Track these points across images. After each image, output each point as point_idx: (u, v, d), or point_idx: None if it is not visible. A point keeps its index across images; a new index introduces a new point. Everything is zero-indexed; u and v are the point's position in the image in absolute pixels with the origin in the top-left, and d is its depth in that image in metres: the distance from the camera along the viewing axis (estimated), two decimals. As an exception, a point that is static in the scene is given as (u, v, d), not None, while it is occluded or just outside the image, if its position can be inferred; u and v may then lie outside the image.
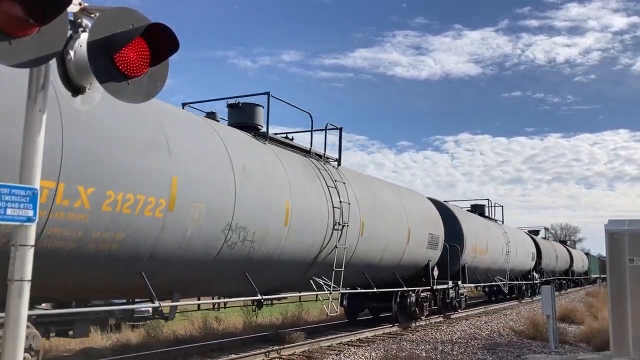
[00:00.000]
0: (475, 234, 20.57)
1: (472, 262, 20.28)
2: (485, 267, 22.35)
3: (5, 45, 3.15)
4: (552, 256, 37.70)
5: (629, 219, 9.83)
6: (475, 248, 20.25)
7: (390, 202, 14.23)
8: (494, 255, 22.94)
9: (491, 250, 22.49)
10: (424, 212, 16.53)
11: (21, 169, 3.47)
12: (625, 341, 9.37)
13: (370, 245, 12.72)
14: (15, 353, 3.34)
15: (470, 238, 19.73)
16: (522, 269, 29.34)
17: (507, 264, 25.01)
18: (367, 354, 10.82)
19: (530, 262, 30.61)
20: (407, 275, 15.80)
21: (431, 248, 16.44)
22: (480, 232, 21.31)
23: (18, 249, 3.39)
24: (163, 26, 3.75)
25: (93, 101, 3.92)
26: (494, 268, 23.48)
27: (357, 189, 12.59)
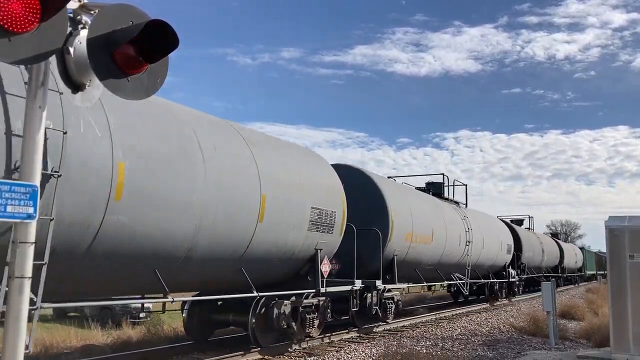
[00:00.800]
0: (413, 215, 15.34)
1: (407, 254, 15.20)
2: (433, 260, 17.09)
3: (5, 42, 3.15)
4: (537, 249, 32.26)
5: (629, 215, 9.84)
6: (411, 235, 15.15)
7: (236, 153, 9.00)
8: (445, 246, 17.56)
9: (440, 239, 17.09)
10: (302, 175, 10.42)
11: (21, 166, 3.48)
12: (625, 337, 9.38)
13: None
14: (16, 348, 3.35)
15: (401, 220, 14.54)
16: (493, 264, 23.98)
17: (468, 257, 19.76)
18: (367, 351, 10.83)
19: (505, 256, 25.20)
20: (273, 273, 10.26)
21: (318, 230, 10.64)
22: (422, 215, 16.05)
23: (18, 246, 3.39)
24: (163, 23, 3.75)
25: (93, 98, 3.92)
26: (447, 262, 18.35)
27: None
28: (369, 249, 13.42)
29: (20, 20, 3.18)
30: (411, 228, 15.17)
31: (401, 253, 14.81)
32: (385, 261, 14.07)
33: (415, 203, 16.33)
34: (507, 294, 26.37)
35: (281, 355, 10.25)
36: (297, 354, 10.41)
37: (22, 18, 3.18)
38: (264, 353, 10.04)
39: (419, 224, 15.73)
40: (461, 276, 19.76)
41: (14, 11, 3.15)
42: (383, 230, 13.69)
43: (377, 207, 13.91)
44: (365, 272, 13.30)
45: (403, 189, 16.90)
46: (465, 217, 20.35)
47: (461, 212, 20.59)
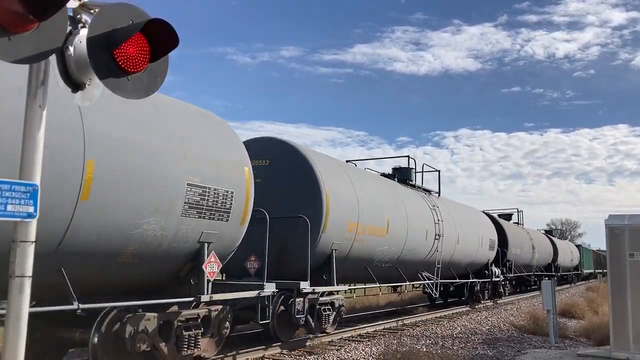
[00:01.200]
0: (361, 202, 12.41)
1: (353, 249, 12.20)
2: (390, 257, 14.18)
3: (4, 41, 3.15)
4: (526, 246, 29.33)
5: (629, 214, 9.84)
6: (357, 225, 12.12)
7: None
8: (406, 240, 14.70)
9: (398, 231, 14.21)
10: (176, 139, 7.38)
11: (22, 165, 3.48)
12: (625, 336, 9.39)
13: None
14: (17, 348, 3.35)
15: (341, 207, 11.51)
16: (472, 262, 21.06)
17: (438, 254, 16.88)
18: (367, 349, 10.84)
19: (487, 253, 22.34)
20: (128, 275, 7.22)
21: (204, 216, 7.71)
22: (373, 202, 13.17)
23: (19, 245, 3.39)
24: (163, 22, 3.75)
25: (93, 97, 3.92)
26: (410, 259, 15.46)
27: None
28: (298, 242, 10.62)
29: (20, 19, 3.17)
30: (357, 217, 12.15)
31: (342, 247, 11.75)
32: (320, 257, 11.23)
33: (365, 188, 13.09)
34: (492, 295, 23.76)
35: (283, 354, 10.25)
36: (297, 353, 10.41)
37: (22, 17, 3.18)
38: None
39: (369, 213, 12.72)
40: (430, 275, 16.84)
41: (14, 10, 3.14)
42: (314, 217, 10.68)
43: (308, 190, 10.97)
44: (294, 271, 10.76)
45: (348, 170, 13.12)
46: (435, 206, 17.31)
47: (431, 201, 17.50)
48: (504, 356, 10.66)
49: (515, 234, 27.81)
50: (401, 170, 17.67)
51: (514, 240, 26.68)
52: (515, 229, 28.87)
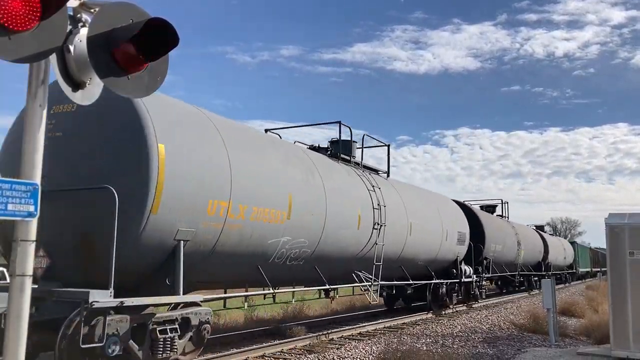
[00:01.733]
0: (234, 171, 8.47)
1: (224, 239, 8.41)
2: (297, 250, 10.22)
3: (5, 40, 3.15)
4: (510, 242, 25.32)
5: (630, 213, 9.85)
6: (228, 205, 8.31)
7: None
8: (324, 228, 10.72)
9: (308, 217, 10.28)
10: None
11: (22, 164, 3.48)
12: (625, 334, 9.40)
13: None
14: (18, 347, 3.36)
15: (192, 174, 7.69)
16: (434, 259, 17.05)
17: (377, 248, 12.91)
18: (367, 348, 10.85)
19: (455, 249, 18.53)
20: None
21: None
22: (267, 176, 9.31)
23: (19, 244, 3.40)
24: (163, 21, 3.76)
25: (93, 96, 3.93)
26: (336, 255, 11.51)
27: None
28: (107, 228, 6.51)
29: (20, 18, 3.18)
30: (228, 194, 8.21)
31: (201, 237, 7.86)
32: (154, 251, 7.24)
33: (248, 155, 8.97)
34: (466, 298, 20.30)
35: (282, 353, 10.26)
36: (297, 351, 10.43)
37: (23, 16, 3.19)
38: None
39: (254, 190, 8.80)
40: (369, 276, 12.96)
41: (14, 9, 3.15)
42: (134, 189, 6.86)
43: (127, 146, 7.03)
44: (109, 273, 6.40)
45: (223, 129, 8.73)
46: (376, 188, 13.27)
47: (372, 181, 13.43)
48: (504, 355, 10.66)
49: (496, 228, 23.83)
50: (338, 144, 13.53)
51: (494, 234, 22.91)
52: (496, 222, 24.68)
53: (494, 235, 22.78)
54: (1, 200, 3.31)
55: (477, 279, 20.73)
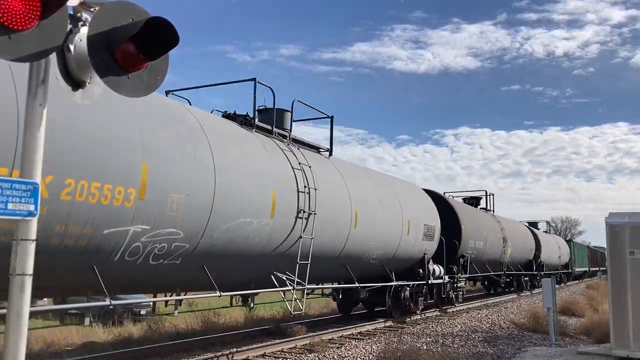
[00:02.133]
0: (18, 126, 5.30)
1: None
2: (165, 244, 7.37)
3: (5, 39, 3.15)
4: (493, 238, 22.34)
5: (630, 212, 9.84)
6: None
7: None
8: (210, 215, 7.93)
9: (195, 204, 7.63)
10: None
11: (22, 163, 3.48)
12: (625, 333, 9.39)
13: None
14: (18, 346, 3.36)
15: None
16: (392, 257, 14.09)
17: (302, 242, 10.19)
18: (367, 347, 10.85)
19: (421, 245, 15.47)
20: None
21: None
22: (95, 136, 6.21)
23: (19, 244, 3.40)
24: (163, 20, 3.75)
25: (93, 95, 3.92)
26: (233, 251, 8.74)
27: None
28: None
29: (20, 17, 3.18)
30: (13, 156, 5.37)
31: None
32: None
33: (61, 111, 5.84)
34: (440, 301, 17.63)
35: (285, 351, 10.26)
36: (297, 351, 10.43)
37: (23, 15, 3.19)
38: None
39: (76, 157, 6.01)
40: (291, 276, 10.16)
41: (14, 8, 3.15)
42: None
43: None
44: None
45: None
46: (304, 166, 10.52)
47: (299, 158, 10.57)
48: (504, 354, 10.66)
49: (476, 222, 20.77)
50: (266, 113, 11.24)
51: (474, 229, 19.85)
52: (476, 216, 21.55)
53: (473, 230, 19.66)
54: (1, 200, 3.31)
55: (452, 280, 17.96)
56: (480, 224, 21.33)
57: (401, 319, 15.39)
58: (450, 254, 17.84)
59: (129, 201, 6.63)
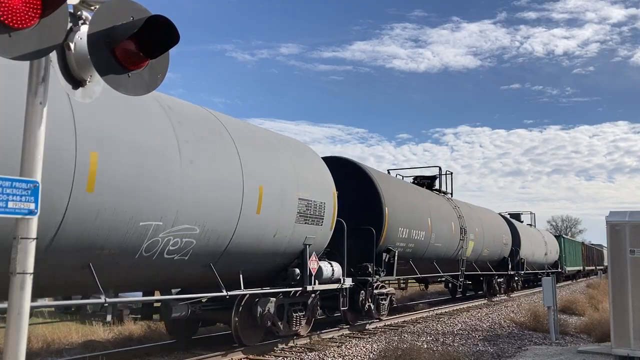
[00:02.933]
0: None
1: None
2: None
3: (4, 37, 3.14)
4: (441, 228, 16.90)
5: (630, 211, 9.83)
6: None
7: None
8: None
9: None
10: None
11: (22, 162, 3.48)
12: (626, 332, 9.39)
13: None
14: (19, 344, 3.36)
15: None
16: (214, 253, 8.18)
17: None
18: (368, 346, 10.86)
19: (298, 233, 9.97)
20: None
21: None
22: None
23: (20, 242, 3.40)
24: (163, 18, 3.75)
25: (94, 94, 3.92)
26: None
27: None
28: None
29: (20, 15, 3.17)
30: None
31: None
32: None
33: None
34: (353, 313, 13.18)
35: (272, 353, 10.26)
36: (298, 349, 10.43)
37: (23, 13, 3.18)
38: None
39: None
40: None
41: (14, 6, 3.14)
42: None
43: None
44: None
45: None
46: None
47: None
48: (504, 353, 10.67)
49: (414, 205, 15.22)
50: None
51: (407, 213, 14.53)
52: (415, 197, 15.83)
53: (404, 214, 14.31)
54: (2, 198, 3.31)
55: (365, 285, 12.98)
56: (420, 207, 15.71)
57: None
58: (364, 247, 12.93)
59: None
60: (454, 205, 19.27)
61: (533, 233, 31.50)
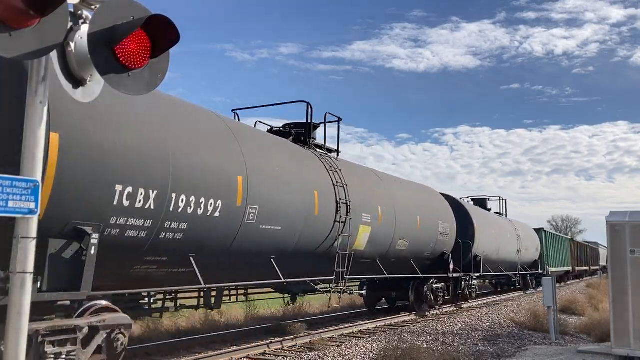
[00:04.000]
0: None
1: None
2: None
3: (5, 37, 3.14)
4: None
5: (630, 211, 9.83)
6: None
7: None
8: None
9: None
10: None
11: (22, 161, 3.47)
12: (626, 332, 9.38)
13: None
14: (18, 343, 3.36)
15: None
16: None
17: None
18: (368, 345, 10.85)
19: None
20: None
21: None
22: None
23: (20, 242, 3.40)
24: (164, 18, 3.74)
25: (94, 93, 3.92)
26: None
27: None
28: None
29: (21, 15, 3.17)
30: None
31: None
32: None
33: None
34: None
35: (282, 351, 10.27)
36: (298, 349, 10.43)
37: (23, 13, 3.18)
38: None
39: None
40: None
41: (14, 6, 3.14)
42: None
43: None
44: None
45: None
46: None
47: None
48: (504, 352, 10.66)
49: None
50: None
51: (265, 178, 8.76)
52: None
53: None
54: (2, 197, 3.31)
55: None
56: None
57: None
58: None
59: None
60: (330, 166, 11.55)
61: (500, 223, 24.08)
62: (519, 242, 25.90)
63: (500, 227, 23.89)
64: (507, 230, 24.69)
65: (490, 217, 23.79)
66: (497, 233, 22.65)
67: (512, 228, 25.92)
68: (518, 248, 25.71)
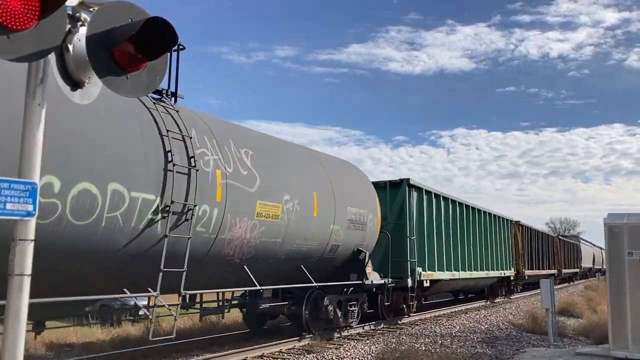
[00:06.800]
0: None
1: None
2: None
3: (3, 39, 3.14)
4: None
5: (628, 213, 9.84)
6: None
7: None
8: None
9: None
10: None
11: (20, 163, 3.47)
12: (624, 334, 9.40)
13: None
14: (16, 346, 3.35)
15: None
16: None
17: None
18: (366, 348, 10.85)
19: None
20: None
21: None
22: None
23: (18, 244, 3.39)
24: (162, 20, 3.75)
25: (92, 96, 3.92)
26: None
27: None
28: None
29: (19, 17, 3.17)
30: None
31: None
32: None
33: None
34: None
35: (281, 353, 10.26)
36: (295, 351, 10.42)
37: (21, 15, 3.18)
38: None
39: None
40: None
41: (13, 8, 3.14)
42: None
43: None
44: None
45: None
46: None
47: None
48: (502, 355, 10.66)
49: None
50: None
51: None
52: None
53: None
54: (0, 200, 3.30)
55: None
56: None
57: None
58: None
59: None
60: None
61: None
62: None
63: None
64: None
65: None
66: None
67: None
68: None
